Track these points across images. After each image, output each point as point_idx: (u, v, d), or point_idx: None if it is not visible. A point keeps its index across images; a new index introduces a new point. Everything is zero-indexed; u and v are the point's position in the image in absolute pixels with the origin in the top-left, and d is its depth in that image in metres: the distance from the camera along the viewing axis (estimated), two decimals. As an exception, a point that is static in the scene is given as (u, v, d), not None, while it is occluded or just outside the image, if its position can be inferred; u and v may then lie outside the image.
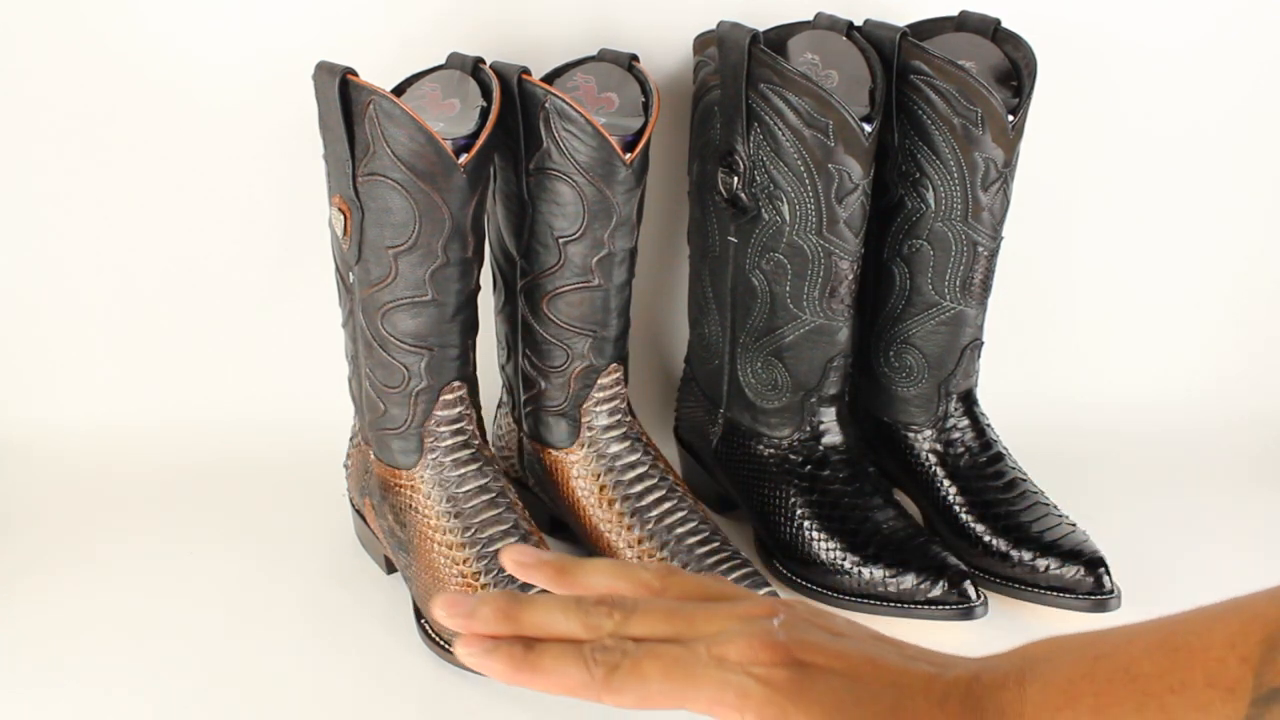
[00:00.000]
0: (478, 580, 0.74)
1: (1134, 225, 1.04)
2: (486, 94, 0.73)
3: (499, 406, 0.90)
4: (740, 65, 0.77)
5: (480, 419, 0.79)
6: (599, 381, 0.81)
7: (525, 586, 0.72)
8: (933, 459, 0.87)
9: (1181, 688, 0.39)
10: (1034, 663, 0.43)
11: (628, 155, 0.73)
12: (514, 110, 0.74)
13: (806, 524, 0.83)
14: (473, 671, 0.74)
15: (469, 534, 0.75)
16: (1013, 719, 0.41)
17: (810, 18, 0.82)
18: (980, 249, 0.82)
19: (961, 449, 0.87)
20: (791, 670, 0.40)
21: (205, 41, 0.89)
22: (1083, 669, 0.41)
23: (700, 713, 0.41)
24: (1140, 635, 0.41)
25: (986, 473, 0.86)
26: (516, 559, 0.46)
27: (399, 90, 0.75)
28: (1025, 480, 0.86)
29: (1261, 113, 1.01)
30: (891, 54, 0.78)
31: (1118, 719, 0.40)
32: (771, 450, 0.86)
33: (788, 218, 0.79)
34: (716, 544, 0.78)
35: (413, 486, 0.77)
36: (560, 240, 0.75)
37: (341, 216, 0.72)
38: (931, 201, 0.81)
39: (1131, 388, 1.08)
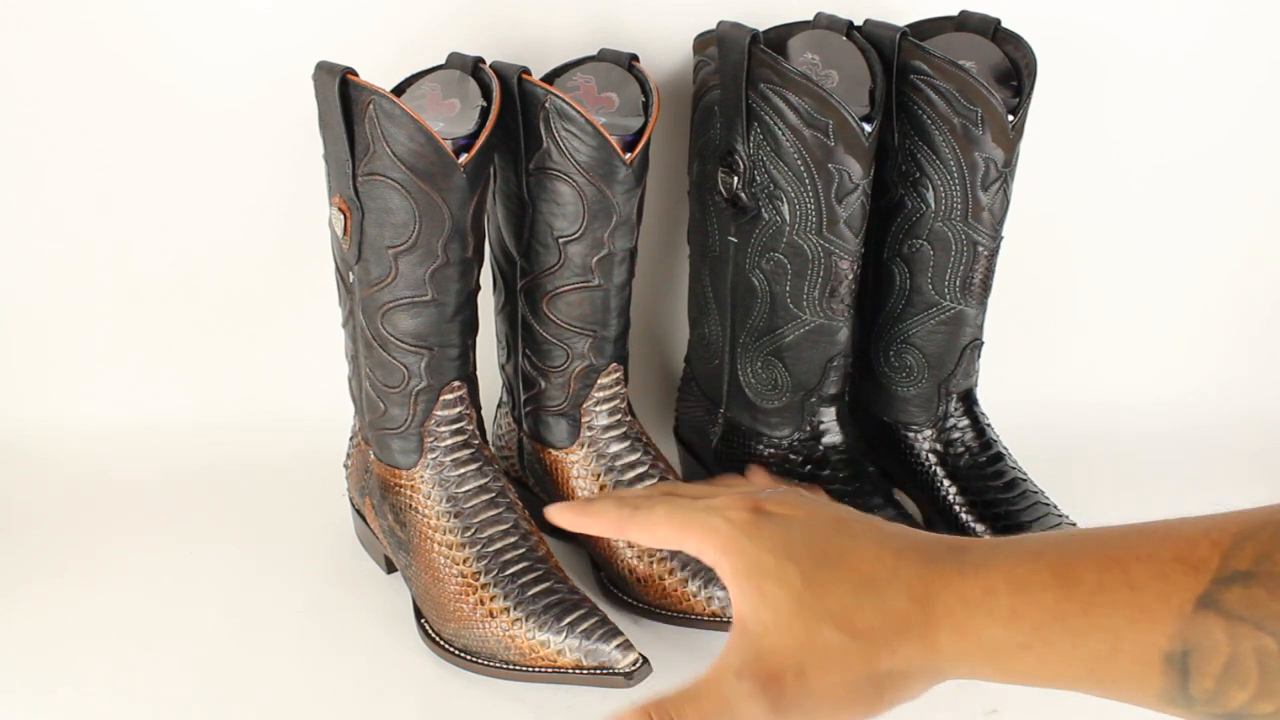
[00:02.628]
0: (477, 580, 0.74)
1: (1134, 225, 1.04)
2: (486, 94, 0.73)
3: (499, 406, 0.90)
4: (740, 65, 0.77)
5: (480, 419, 0.79)
6: (599, 381, 0.81)
7: (529, 586, 0.73)
8: (933, 459, 0.87)
9: (1148, 557, 0.40)
10: (1010, 539, 0.46)
11: (628, 155, 0.73)
12: (514, 110, 0.74)
13: (806, 524, 0.83)
14: (472, 671, 0.74)
15: (469, 534, 0.75)
16: (971, 570, 0.43)
17: (810, 18, 0.82)
18: (980, 249, 0.82)
19: (961, 449, 0.87)
20: (754, 514, 0.48)
21: (205, 41, 0.89)
22: (1055, 537, 0.44)
23: (691, 552, 0.49)
24: (1121, 528, 0.43)
25: (986, 472, 0.86)
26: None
27: (399, 90, 0.75)
28: (1025, 480, 0.86)
29: (1262, 112, 1.01)
30: (891, 54, 0.78)
31: (1078, 577, 0.41)
32: (772, 450, 0.86)
33: (788, 218, 0.79)
34: (716, 544, 0.78)
35: (413, 486, 0.77)
36: (560, 240, 0.75)
37: (341, 216, 0.72)
38: (931, 201, 0.81)
39: (1131, 387, 1.08)
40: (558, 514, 0.54)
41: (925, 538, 0.47)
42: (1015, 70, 0.79)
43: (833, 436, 0.85)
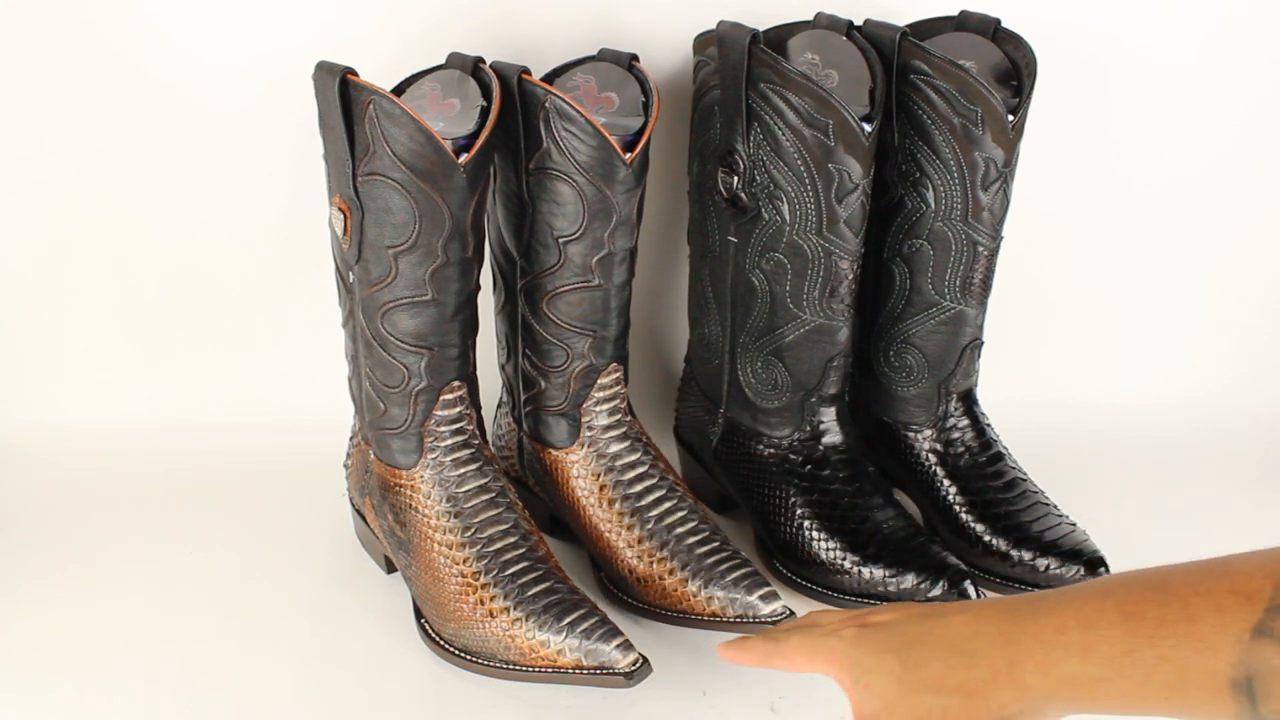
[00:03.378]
0: (477, 580, 0.74)
1: (1134, 225, 1.04)
2: (486, 94, 0.73)
3: (499, 406, 0.90)
4: (740, 65, 0.77)
5: (480, 419, 0.79)
6: (599, 381, 0.81)
7: (529, 586, 0.73)
8: (933, 459, 0.87)
9: (1206, 592, 0.44)
10: (1079, 584, 0.51)
11: (628, 155, 0.73)
12: (514, 110, 0.74)
13: (806, 524, 0.83)
14: (472, 671, 0.74)
15: (469, 534, 0.75)
16: (1044, 614, 0.48)
17: (810, 18, 0.82)
18: (980, 249, 0.82)
19: (961, 449, 0.87)
20: (860, 629, 0.56)
21: (205, 42, 0.89)
22: (1119, 578, 0.49)
23: (822, 673, 0.57)
24: (1181, 566, 0.47)
25: (986, 472, 0.86)
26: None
27: (399, 90, 0.75)
28: (1025, 480, 0.86)
29: (1262, 112, 1.01)
30: (891, 54, 0.78)
31: (1141, 613, 0.45)
32: (771, 450, 0.86)
33: (788, 217, 0.79)
34: (716, 544, 0.78)
35: (413, 486, 0.77)
36: (560, 240, 0.75)
37: (341, 216, 0.72)
38: (931, 201, 0.81)
39: (1131, 388, 1.08)
40: (722, 651, 0.64)
41: (1004, 598, 0.52)
42: (1015, 70, 0.79)
43: (833, 436, 0.85)
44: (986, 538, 0.83)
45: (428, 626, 0.77)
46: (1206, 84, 0.99)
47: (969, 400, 0.88)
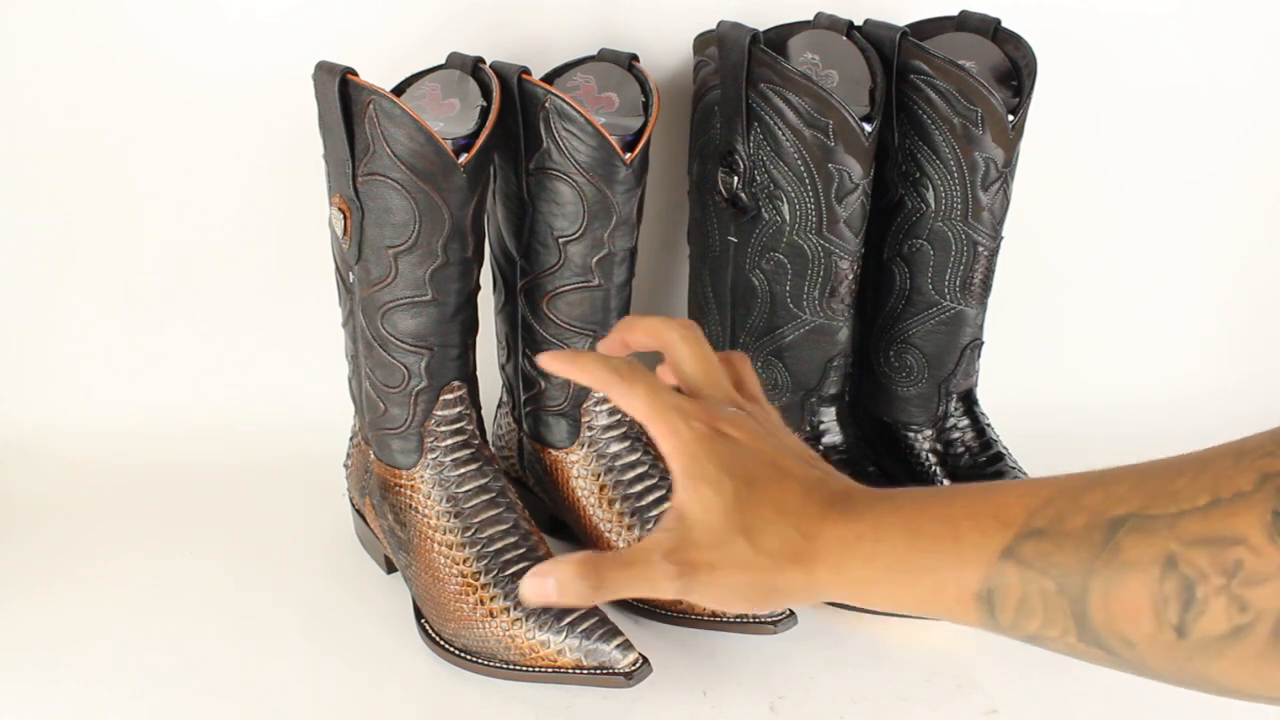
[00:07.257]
0: (477, 580, 0.74)
1: (1134, 225, 1.04)
2: (486, 94, 0.73)
3: (499, 406, 0.90)
4: (740, 65, 0.77)
5: (480, 419, 0.79)
6: (599, 381, 0.81)
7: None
8: (933, 459, 0.87)
9: (975, 515, 0.49)
10: (884, 492, 0.55)
11: (628, 155, 0.73)
12: (514, 110, 0.74)
13: (806, 524, 0.83)
14: (472, 671, 0.74)
15: (469, 534, 0.75)
16: (851, 517, 0.53)
17: (810, 18, 0.82)
18: (980, 249, 0.82)
19: (961, 449, 0.87)
20: (712, 431, 0.55)
21: (205, 41, 0.89)
22: (917, 494, 0.53)
23: (651, 435, 0.56)
24: (965, 488, 0.53)
25: (986, 473, 0.86)
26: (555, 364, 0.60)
27: (399, 90, 0.75)
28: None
29: (1262, 111, 1.01)
30: (891, 54, 0.78)
31: (921, 529, 0.51)
32: (771, 450, 0.86)
33: (788, 217, 0.79)
34: (716, 544, 0.78)
35: (413, 486, 0.77)
36: (560, 240, 0.75)
37: (341, 216, 0.72)
38: (931, 201, 0.81)
39: (1132, 387, 1.08)
40: (547, 360, 0.59)
41: (832, 483, 0.55)
42: (1015, 70, 0.79)
43: (833, 436, 0.85)
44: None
45: (428, 626, 0.77)
46: (1208, 84, 0.99)
47: (969, 400, 0.88)
